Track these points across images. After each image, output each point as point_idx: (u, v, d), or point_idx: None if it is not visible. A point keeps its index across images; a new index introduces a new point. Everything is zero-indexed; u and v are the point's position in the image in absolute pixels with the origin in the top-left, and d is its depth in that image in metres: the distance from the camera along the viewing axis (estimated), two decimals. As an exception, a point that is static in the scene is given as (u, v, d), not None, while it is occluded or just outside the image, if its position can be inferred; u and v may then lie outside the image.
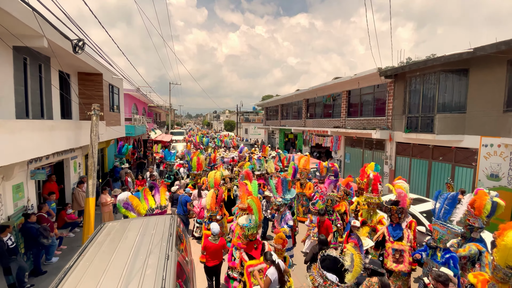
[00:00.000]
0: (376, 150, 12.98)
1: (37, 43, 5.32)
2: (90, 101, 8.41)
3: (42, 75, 6.81)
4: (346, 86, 14.65)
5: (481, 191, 5.18)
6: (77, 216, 8.29)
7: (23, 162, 5.76)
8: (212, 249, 5.19)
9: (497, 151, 7.84)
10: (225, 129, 58.25)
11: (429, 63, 9.18)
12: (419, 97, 10.00)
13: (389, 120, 11.82)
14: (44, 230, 5.93)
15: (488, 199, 4.95)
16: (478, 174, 8.34)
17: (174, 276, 3.32)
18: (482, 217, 4.92)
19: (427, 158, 10.29)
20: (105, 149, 12.50)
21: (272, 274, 4.08)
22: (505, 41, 7.11)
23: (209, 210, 6.82)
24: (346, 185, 7.53)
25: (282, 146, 25.56)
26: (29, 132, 5.13)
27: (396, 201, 5.54)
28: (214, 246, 5.18)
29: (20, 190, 6.13)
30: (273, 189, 7.10)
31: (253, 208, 4.94)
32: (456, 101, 9.09)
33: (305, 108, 20.30)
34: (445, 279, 3.61)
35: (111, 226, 4.71)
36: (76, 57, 6.77)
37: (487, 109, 8.10)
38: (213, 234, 5.26)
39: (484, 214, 4.90)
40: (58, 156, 7.67)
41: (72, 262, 3.52)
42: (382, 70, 11.25)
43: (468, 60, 8.44)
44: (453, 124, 8.94)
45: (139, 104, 22.69)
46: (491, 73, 8.05)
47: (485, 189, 5.28)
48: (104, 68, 9.63)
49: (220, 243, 5.27)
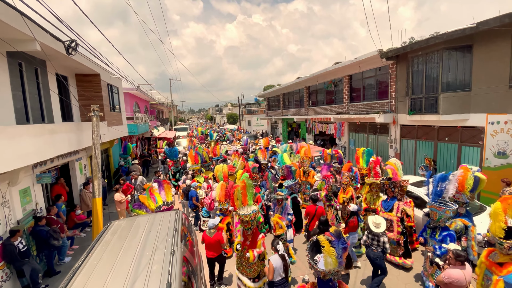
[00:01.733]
0: (381, 134, 12.82)
1: (30, 47, 5.28)
2: (89, 102, 8.42)
3: (39, 79, 6.81)
4: (347, 70, 14.38)
5: (463, 167, 5.35)
6: (86, 216, 8.45)
7: (27, 167, 5.83)
8: (207, 242, 5.42)
9: (504, 128, 7.65)
10: (228, 122, 58.20)
11: (431, 42, 8.90)
12: (422, 78, 9.76)
13: (392, 103, 11.60)
14: (54, 232, 6.05)
15: (470, 174, 5.14)
16: (485, 152, 8.18)
17: (180, 270, 3.35)
18: (466, 192, 5.12)
19: (432, 140, 10.12)
20: (109, 149, 12.61)
21: (275, 261, 4.21)
22: (509, 14, 6.83)
23: (219, 202, 6.92)
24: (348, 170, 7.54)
25: (286, 136, 25.45)
26: (30, 137, 5.17)
27: (389, 177, 6.17)
28: (208, 239, 5.38)
29: (27, 194, 6.24)
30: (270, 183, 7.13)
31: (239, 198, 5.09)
32: (460, 79, 8.84)
33: (307, 96, 20.06)
34: (464, 258, 3.71)
35: (118, 224, 4.78)
36: (71, 58, 6.74)
37: (492, 86, 7.87)
38: (208, 227, 5.47)
39: (467, 189, 5.10)
40: (63, 159, 7.76)
41: (81, 262, 3.58)
42: (383, 52, 10.97)
43: (472, 35, 8.15)
44: (458, 103, 8.73)
45: (141, 102, 22.72)
46: (495, 48, 7.77)
47: (468, 165, 5.45)
48: (101, 68, 9.60)
49: (215, 237, 5.36)
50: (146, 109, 24.70)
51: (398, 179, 6.18)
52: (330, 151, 10.72)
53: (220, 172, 8.36)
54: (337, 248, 3.33)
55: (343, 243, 3.38)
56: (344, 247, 3.38)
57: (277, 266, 4.21)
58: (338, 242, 3.37)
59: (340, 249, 3.33)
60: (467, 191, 5.12)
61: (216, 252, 5.41)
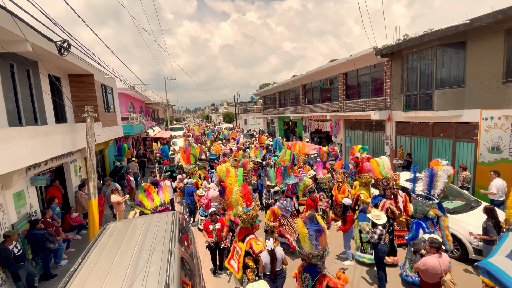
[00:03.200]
0: (376, 131, 12.89)
1: (21, 48, 5.19)
2: (83, 103, 8.31)
3: (31, 80, 6.70)
4: (342, 68, 14.41)
5: (434, 161, 5.69)
6: (82, 219, 8.37)
7: (21, 169, 5.74)
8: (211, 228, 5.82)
9: (498, 123, 7.73)
10: (224, 121, 58.05)
11: (425, 38, 8.95)
12: (417, 74, 9.82)
13: (387, 100, 11.66)
14: (49, 235, 5.98)
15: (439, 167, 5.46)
16: (479, 148, 8.27)
17: (178, 272, 3.34)
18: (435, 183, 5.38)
19: (427, 136, 10.21)
20: (104, 150, 12.49)
21: (265, 257, 4.45)
22: (502, 10, 6.89)
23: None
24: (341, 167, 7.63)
25: (282, 134, 25.46)
26: (23, 139, 5.09)
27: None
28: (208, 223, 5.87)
29: (22, 197, 6.15)
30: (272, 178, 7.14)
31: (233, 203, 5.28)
32: (454, 75, 8.92)
33: (303, 94, 20.07)
34: (438, 245, 3.92)
35: (114, 226, 4.74)
36: (63, 59, 6.63)
37: (486, 82, 7.95)
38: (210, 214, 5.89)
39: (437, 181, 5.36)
40: (57, 161, 7.66)
41: (77, 265, 3.54)
42: (378, 49, 11.01)
43: (465, 32, 8.21)
44: (452, 99, 8.80)
45: (135, 102, 22.54)
46: (489, 44, 7.84)
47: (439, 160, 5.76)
48: (94, 68, 9.48)
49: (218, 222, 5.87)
50: (141, 109, 24.52)
51: (375, 177, 6.38)
52: (326, 148, 10.75)
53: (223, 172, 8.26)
54: (310, 230, 3.60)
55: (316, 225, 3.62)
56: (317, 230, 3.61)
57: (267, 262, 4.42)
58: (310, 224, 3.63)
59: (313, 231, 3.60)
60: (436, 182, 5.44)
61: (218, 237, 5.79)
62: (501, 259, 3.05)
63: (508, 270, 2.86)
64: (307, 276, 3.73)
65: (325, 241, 3.74)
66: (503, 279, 2.83)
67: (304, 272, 3.77)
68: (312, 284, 3.67)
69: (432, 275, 3.85)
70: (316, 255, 3.63)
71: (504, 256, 3.08)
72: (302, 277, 3.79)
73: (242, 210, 5.14)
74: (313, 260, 3.70)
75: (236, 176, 6.23)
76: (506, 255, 3.08)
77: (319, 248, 3.63)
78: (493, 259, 3.14)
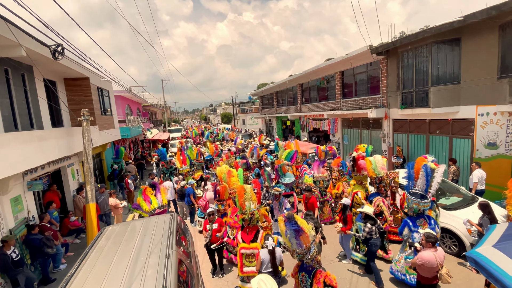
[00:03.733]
0: (373, 129, 12.92)
1: (15, 53, 5.18)
2: (79, 107, 8.28)
3: (26, 85, 6.68)
4: (338, 67, 14.44)
5: (420, 157, 5.76)
6: (80, 223, 8.35)
7: (17, 174, 5.73)
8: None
9: (493, 119, 7.77)
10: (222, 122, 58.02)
11: (420, 36, 8.98)
12: (413, 72, 9.85)
13: (384, 98, 11.69)
14: (47, 239, 5.96)
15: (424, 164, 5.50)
16: (475, 144, 8.30)
17: (176, 274, 3.34)
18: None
19: (424, 133, 10.24)
20: (102, 153, 12.46)
21: (263, 254, 4.42)
22: (495, 6, 6.92)
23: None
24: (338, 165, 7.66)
25: (281, 134, 25.48)
26: (18, 144, 5.07)
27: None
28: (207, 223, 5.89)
29: (19, 202, 6.14)
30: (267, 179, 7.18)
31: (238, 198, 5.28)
32: (449, 72, 8.95)
33: (300, 93, 20.10)
34: (434, 239, 3.99)
35: (112, 229, 4.73)
36: (58, 63, 6.62)
37: (481, 77, 7.98)
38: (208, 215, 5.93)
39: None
40: (54, 165, 7.64)
41: (74, 269, 3.54)
42: (374, 47, 11.03)
43: (460, 29, 8.24)
44: (448, 96, 8.84)
45: (133, 104, 22.50)
46: (483, 40, 7.87)
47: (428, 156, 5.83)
48: (90, 71, 9.46)
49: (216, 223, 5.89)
50: (138, 111, 24.47)
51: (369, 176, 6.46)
52: (324, 147, 10.77)
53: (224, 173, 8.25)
54: (287, 228, 3.69)
55: (293, 225, 3.69)
56: (295, 229, 3.67)
57: (264, 259, 4.39)
58: (288, 223, 3.72)
59: (291, 231, 3.67)
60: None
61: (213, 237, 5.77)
62: (488, 249, 3.12)
63: (494, 259, 2.92)
64: (303, 275, 3.76)
65: (307, 240, 3.75)
66: (488, 267, 2.89)
67: (300, 272, 3.79)
68: (310, 282, 3.70)
69: (429, 269, 3.92)
70: (299, 253, 3.70)
71: (490, 245, 3.14)
72: (299, 277, 3.81)
73: (254, 207, 5.15)
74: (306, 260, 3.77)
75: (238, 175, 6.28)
76: (492, 244, 3.15)
77: (302, 247, 3.68)
78: (480, 248, 3.21)
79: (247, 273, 4.93)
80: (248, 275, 4.91)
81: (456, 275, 5.05)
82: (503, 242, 3.12)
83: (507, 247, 2.99)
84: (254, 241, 5.03)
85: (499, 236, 3.28)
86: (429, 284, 4.08)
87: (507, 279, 2.63)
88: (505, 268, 2.74)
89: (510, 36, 7.22)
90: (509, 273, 2.67)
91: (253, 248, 4.95)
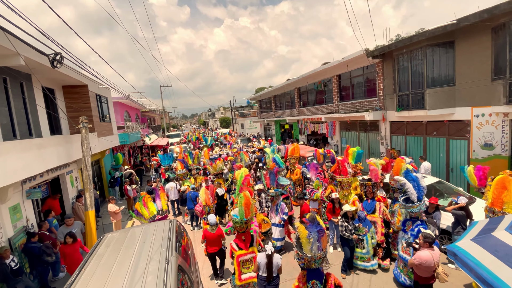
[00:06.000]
0: (371, 131, 13.00)
1: (13, 62, 5.21)
2: (78, 114, 8.32)
3: (25, 94, 6.71)
4: (335, 70, 14.56)
5: (399, 158, 6.28)
6: (79, 230, 8.32)
7: (16, 183, 5.73)
8: (210, 238, 5.72)
9: (489, 120, 7.85)
10: (221, 126, 58.10)
11: (415, 39, 9.11)
12: (408, 74, 9.96)
13: (381, 101, 11.79)
14: (46, 248, 5.94)
15: (403, 164, 5.95)
16: (472, 145, 8.38)
17: (175, 280, 3.34)
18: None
19: (421, 135, 10.32)
20: (101, 159, 12.45)
21: (260, 258, 4.47)
22: (487, 9, 7.05)
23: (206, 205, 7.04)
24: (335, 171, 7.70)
25: (279, 138, 25.55)
26: (17, 153, 5.09)
27: (369, 178, 6.31)
28: (211, 235, 5.70)
29: (18, 211, 6.12)
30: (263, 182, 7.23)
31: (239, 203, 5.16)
32: (444, 74, 9.06)
33: (298, 97, 20.21)
34: (431, 240, 4.06)
35: (111, 237, 4.72)
36: (57, 71, 6.66)
37: (475, 79, 8.08)
38: (210, 224, 5.76)
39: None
40: (53, 173, 7.64)
41: (74, 277, 3.53)
42: (369, 51, 11.16)
43: (453, 32, 8.37)
44: (444, 98, 8.93)
45: (131, 110, 22.52)
46: (476, 43, 8.00)
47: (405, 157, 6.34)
48: (88, 79, 9.51)
49: (217, 232, 5.76)
50: (137, 117, 24.49)
51: (378, 180, 6.30)
52: (322, 151, 10.81)
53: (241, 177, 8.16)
54: (312, 232, 3.63)
55: (317, 226, 3.68)
56: (319, 230, 3.66)
57: (261, 263, 4.43)
58: (312, 226, 3.68)
59: (315, 233, 3.63)
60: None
61: (217, 246, 5.76)
62: (467, 242, 3.27)
63: (472, 251, 3.08)
64: (314, 282, 3.69)
65: (326, 242, 3.77)
66: (467, 260, 3.03)
67: (309, 280, 3.71)
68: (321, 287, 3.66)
69: (426, 268, 3.99)
70: (318, 257, 3.62)
71: (469, 239, 3.30)
72: (309, 286, 3.72)
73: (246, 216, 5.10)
74: (314, 265, 3.68)
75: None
76: (471, 238, 3.30)
77: (321, 249, 3.65)
78: (460, 242, 3.36)
79: (245, 280, 4.94)
80: (247, 282, 4.92)
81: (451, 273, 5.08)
82: (481, 235, 3.28)
83: (484, 240, 3.16)
84: (251, 245, 5.07)
85: (478, 230, 3.43)
86: (426, 284, 4.14)
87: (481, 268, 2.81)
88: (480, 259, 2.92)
89: (502, 38, 7.34)
90: (483, 263, 2.85)
91: (251, 252, 5.00)
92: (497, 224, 3.39)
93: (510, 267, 2.66)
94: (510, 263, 2.70)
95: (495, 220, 3.62)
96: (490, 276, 2.67)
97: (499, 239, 3.05)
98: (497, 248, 2.94)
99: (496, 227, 3.30)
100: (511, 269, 2.64)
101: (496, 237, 3.12)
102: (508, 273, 2.62)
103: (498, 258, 2.81)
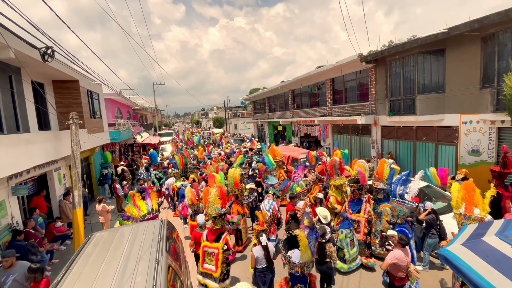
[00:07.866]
0: (363, 135, 13.18)
1: (3, 55, 5.08)
2: (68, 110, 8.15)
3: (13, 87, 6.53)
4: (329, 74, 14.72)
5: (382, 160, 6.39)
6: (66, 228, 8.13)
7: (2, 179, 5.56)
8: (199, 238, 5.57)
9: (476, 127, 8.08)
10: (214, 126, 57.83)
11: (407, 46, 9.29)
12: (400, 80, 10.15)
13: (373, 105, 11.97)
14: (32, 246, 5.78)
15: (386, 165, 6.10)
16: (460, 150, 8.59)
17: (165, 281, 3.30)
18: (384, 180, 6.07)
19: (411, 139, 10.52)
20: (90, 157, 12.22)
21: (257, 251, 4.51)
22: (477, 19, 7.26)
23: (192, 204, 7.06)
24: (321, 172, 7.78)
25: (272, 139, 25.60)
26: (4, 147, 4.95)
27: (357, 179, 6.33)
28: (200, 235, 5.56)
29: (3, 208, 5.94)
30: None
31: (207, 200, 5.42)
32: (435, 81, 9.28)
33: (292, 99, 20.32)
34: (405, 242, 4.22)
35: (100, 236, 4.63)
36: (47, 65, 6.50)
37: (464, 87, 8.30)
38: (199, 225, 5.71)
39: (385, 177, 6.05)
40: (40, 169, 7.45)
41: (60, 277, 3.44)
42: (363, 56, 11.32)
43: (444, 40, 8.58)
44: (434, 104, 9.14)
45: (123, 107, 22.19)
46: (466, 52, 8.22)
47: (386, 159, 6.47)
48: (80, 74, 9.32)
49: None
50: (128, 115, 24.14)
51: (365, 182, 6.38)
52: (315, 153, 10.89)
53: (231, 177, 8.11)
54: (311, 238, 3.69)
55: (316, 233, 3.77)
56: (316, 237, 3.76)
57: (259, 256, 4.48)
58: (311, 232, 3.75)
59: (313, 239, 3.71)
60: (384, 179, 6.06)
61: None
62: (457, 247, 3.32)
63: (462, 256, 3.13)
64: (298, 287, 3.73)
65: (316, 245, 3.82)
66: (457, 264, 3.09)
67: (294, 284, 3.75)
68: None
69: (399, 267, 4.16)
70: (310, 262, 3.68)
71: (460, 244, 3.35)
72: None
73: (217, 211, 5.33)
74: (306, 270, 3.72)
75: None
76: (461, 243, 3.36)
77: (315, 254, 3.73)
78: (451, 247, 3.41)
79: (206, 269, 5.11)
80: (207, 272, 5.09)
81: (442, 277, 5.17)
82: (471, 240, 3.34)
83: (474, 245, 3.22)
84: (216, 241, 5.13)
85: (468, 235, 3.50)
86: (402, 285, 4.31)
87: (473, 274, 2.86)
88: (471, 264, 2.97)
89: (491, 48, 7.56)
90: (475, 268, 2.90)
91: (214, 247, 5.06)
92: (486, 229, 3.47)
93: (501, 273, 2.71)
94: (501, 269, 2.75)
95: (484, 225, 3.71)
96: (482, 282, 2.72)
97: (489, 244, 3.11)
98: (487, 253, 2.99)
99: (486, 232, 3.38)
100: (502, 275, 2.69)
101: (486, 242, 3.18)
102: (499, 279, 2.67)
103: (489, 263, 2.86)
